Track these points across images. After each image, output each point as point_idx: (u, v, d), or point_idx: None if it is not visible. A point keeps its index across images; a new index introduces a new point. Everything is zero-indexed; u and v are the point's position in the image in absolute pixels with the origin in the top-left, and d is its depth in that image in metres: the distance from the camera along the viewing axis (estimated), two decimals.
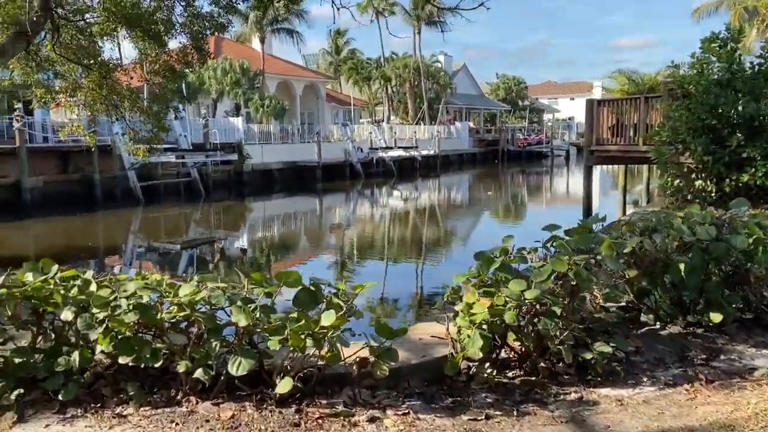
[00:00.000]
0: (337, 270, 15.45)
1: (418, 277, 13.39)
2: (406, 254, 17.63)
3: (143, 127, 9.47)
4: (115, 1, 8.39)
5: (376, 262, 16.52)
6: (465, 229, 23.08)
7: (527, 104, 72.72)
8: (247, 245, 19.51)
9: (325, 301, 3.40)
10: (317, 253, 17.99)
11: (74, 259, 16.69)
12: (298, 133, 35.76)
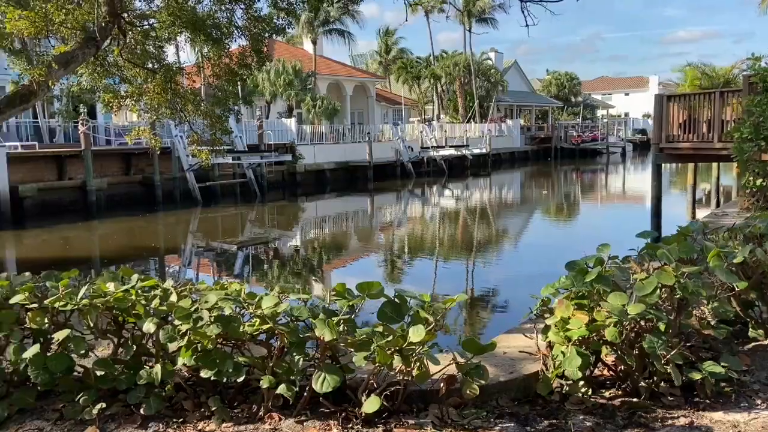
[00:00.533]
0: (392, 271, 15.29)
1: (482, 281, 13.06)
2: (465, 256, 17.30)
3: (205, 130, 9.54)
4: (179, 5, 8.45)
5: (434, 264, 16.28)
6: (523, 229, 22.56)
7: (580, 100, 70.94)
8: (300, 245, 19.60)
9: (411, 315, 3.21)
10: (371, 254, 17.89)
11: (137, 258, 17.14)
12: (349, 133, 35.84)
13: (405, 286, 13.76)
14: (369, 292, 3.30)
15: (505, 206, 29.07)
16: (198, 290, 3.46)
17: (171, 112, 9.44)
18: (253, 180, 26.88)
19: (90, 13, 8.33)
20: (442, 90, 50.96)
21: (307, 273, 15.53)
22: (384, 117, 48.47)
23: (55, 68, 6.67)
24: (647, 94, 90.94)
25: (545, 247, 17.23)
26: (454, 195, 32.80)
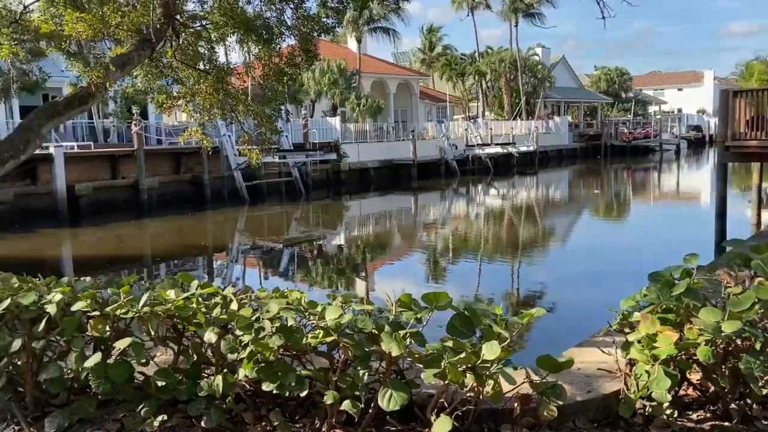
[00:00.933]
0: (440, 273, 15.06)
1: (536, 287, 12.67)
2: (515, 259, 16.91)
3: (256, 130, 9.53)
4: (230, 6, 8.44)
5: (483, 267, 15.96)
6: (574, 231, 21.96)
7: (631, 96, 68.91)
8: (345, 244, 19.59)
9: (483, 330, 3.01)
10: (417, 254, 17.72)
11: (187, 256, 17.44)
12: (393, 132, 35.69)
13: (453, 288, 13.47)
14: (437, 304, 3.11)
15: (554, 206, 28.40)
16: (258, 298, 3.34)
17: (222, 113, 9.46)
18: (298, 179, 27.06)
19: (145, 15, 8.39)
20: (487, 87, 50.27)
21: (354, 273, 15.48)
22: (427, 115, 48.14)
23: (112, 70, 6.73)
24: (702, 89, 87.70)
25: (599, 249, 16.66)
26: (501, 194, 32.27)
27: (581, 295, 11.19)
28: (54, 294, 3.17)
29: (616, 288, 11.75)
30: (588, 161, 48.48)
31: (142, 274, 15.63)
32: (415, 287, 13.71)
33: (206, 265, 16.92)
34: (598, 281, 12.50)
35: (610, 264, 14.13)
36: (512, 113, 47.31)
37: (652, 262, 13.97)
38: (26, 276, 3.69)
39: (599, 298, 10.95)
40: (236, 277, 15.73)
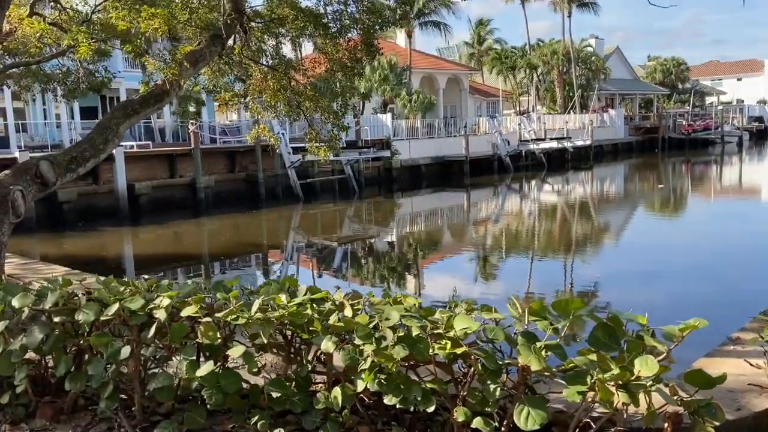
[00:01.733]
0: (508, 273, 14.69)
1: (626, 288, 12.16)
2: (578, 257, 16.36)
3: (323, 126, 9.37)
4: (296, 11, 8.31)
5: (544, 264, 15.51)
6: (644, 229, 21.17)
7: (688, 87, 66.36)
8: (399, 242, 19.39)
9: (627, 341, 2.69)
10: (477, 252, 17.33)
11: (245, 254, 17.57)
12: (444, 128, 35.27)
13: (516, 286, 13.12)
14: (572, 312, 2.81)
15: (614, 202, 27.46)
16: (372, 304, 3.11)
17: (288, 109, 9.33)
18: (351, 176, 26.99)
19: (212, 11, 8.33)
20: (539, 80, 49.18)
21: (411, 271, 15.26)
22: (477, 110, 47.44)
23: (186, 67, 6.66)
24: (762, 78, 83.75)
25: (676, 248, 15.93)
26: (556, 190, 31.47)
27: (672, 296, 10.71)
28: (162, 298, 3.01)
29: (682, 291, 11.25)
30: (645, 155, 46.86)
31: (200, 271, 15.83)
32: (477, 286, 13.43)
33: (263, 263, 17.02)
34: (666, 282, 11.96)
35: (681, 265, 13.53)
36: (565, 107, 46.14)
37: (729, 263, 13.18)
38: (123, 278, 3.57)
39: (666, 300, 10.48)
40: (293, 275, 15.75)
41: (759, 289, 10.75)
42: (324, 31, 8.62)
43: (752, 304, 9.36)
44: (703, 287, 11.58)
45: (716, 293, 10.96)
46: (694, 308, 10.01)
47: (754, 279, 11.69)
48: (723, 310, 9.46)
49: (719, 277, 12.25)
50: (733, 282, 11.71)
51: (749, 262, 13.33)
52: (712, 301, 10.39)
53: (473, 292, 12.68)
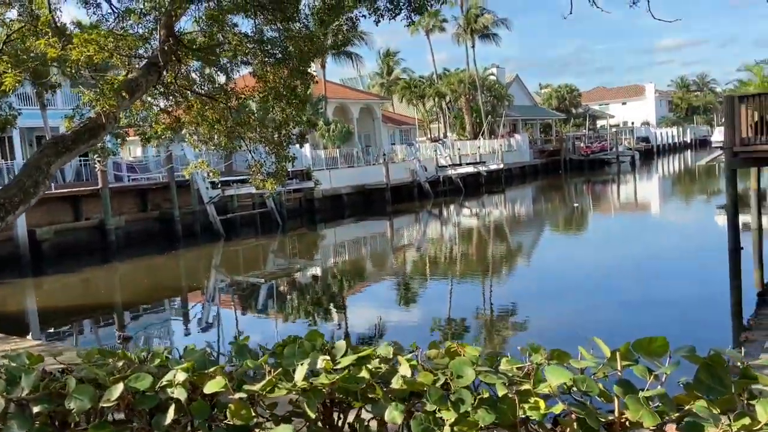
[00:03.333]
0: (424, 295, 14.63)
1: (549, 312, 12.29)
2: (499, 277, 16.56)
3: (267, 157, 8.79)
4: (239, 37, 7.79)
5: (469, 286, 15.58)
6: (562, 247, 21.87)
7: (581, 111, 70.83)
8: (328, 274, 18.89)
9: (736, 383, 2.41)
10: (398, 279, 17.29)
11: (161, 298, 16.33)
12: (363, 156, 35.24)
13: (442, 310, 13.08)
14: (658, 352, 2.50)
15: (531, 223, 28.38)
16: (430, 358, 2.65)
17: (228, 141, 8.69)
18: (274, 209, 26.15)
19: (144, 38, 7.65)
20: (448, 107, 50.58)
21: (341, 304, 14.86)
22: (391, 137, 47.95)
23: (126, 97, 5.95)
24: (644, 102, 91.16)
25: (586, 264, 16.54)
26: (478, 213, 32.11)
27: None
28: (176, 372, 2.41)
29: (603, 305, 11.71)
30: (550, 176, 49.15)
31: (112, 321, 14.48)
32: (403, 312, 13.35)
33: (181, 308, 15.89)
34: (585, 298, 12.41)
35: (598, 280, 14.18)
36: (474, 133, 47.64)
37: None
38: (107, 348, 2.90)
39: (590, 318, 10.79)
40: (213, 317, 14.82)
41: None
42: (267, 57, 8.11)
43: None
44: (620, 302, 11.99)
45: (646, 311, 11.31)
46: (633, 325, 10.26)
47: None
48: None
49: (637, 293, 12.75)
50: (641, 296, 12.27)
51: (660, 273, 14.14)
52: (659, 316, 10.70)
53: (401, 319, 12.56)
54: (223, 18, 7.89)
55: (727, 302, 10.62)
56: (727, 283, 11.26)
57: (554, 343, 2.50)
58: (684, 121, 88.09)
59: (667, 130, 76.19)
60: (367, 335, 11.49)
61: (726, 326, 9.86)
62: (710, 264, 14.05)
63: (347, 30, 9.10)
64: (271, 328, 12.86)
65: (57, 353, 2.94)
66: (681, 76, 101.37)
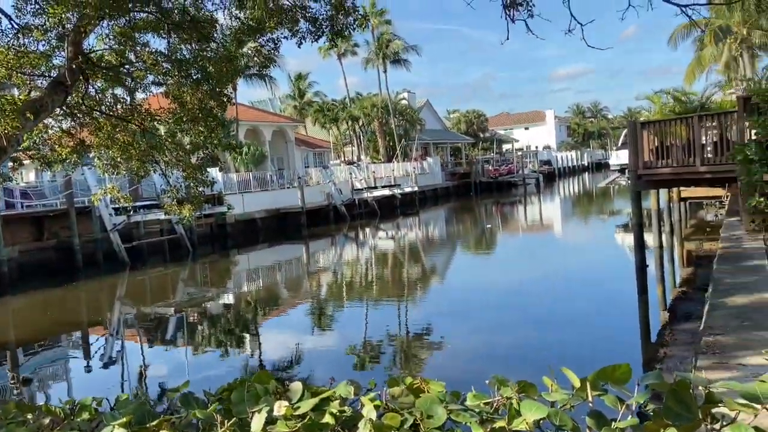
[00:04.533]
0: (340, 320, 14.50)
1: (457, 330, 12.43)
2: (413, 299, 16.68)
3: (184, 182, 8.35)
4: (154, 56, 7.41)
5: (384, 308, 15.56)
6: (469, 269, 22.36)
7: (488, 136, 73.73)
8: (240, 302, 18.30)
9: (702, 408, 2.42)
10: (314, 304, 17.13)
11: (61, 334, 15.10)
12: (277, 180, 34.66)
13: (357, 333, 13.00)
14: (622, 379, 2.49)
15: (445, 244, 28.93)
16: (394, 397, 2.49)
17: (141, 165, 8.18)
18: (184, 235, 25.01)
19: (46, 56, 7.11)
20: (361, 131, 51.00)
21: (252, 331, 14.43)
22: (304, 160, 47.60)
23: (30, 118, 5.42)
24: (545, 127, 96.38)
25: (497, 283, 17.03)
26: (393, 236, 32.32)
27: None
28: (113, 429, 2.11)
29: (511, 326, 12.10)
30: (461, 198, 50.57)
31: (4, 362, 13.19)
32: (318, 337, 13.17)
33: (84, 344, 14.77)
34: (495, 318, 12.78)
35: (505, 300, 14.68)
36: (387, 156, 48.24)
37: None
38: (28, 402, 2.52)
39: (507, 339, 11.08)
40: (118, 352, 13.89)
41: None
42: (184, 78, 7.75)
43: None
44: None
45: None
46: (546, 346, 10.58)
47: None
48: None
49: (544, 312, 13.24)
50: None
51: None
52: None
53: (317, 345, 12.38)
54: (134, 36, 7.48)
55: (633, 318, 11.16)
56: (632, 299, 11.88)
57: (473, 364, 2.44)
58: (581, 145, 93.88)
59: (567, 154, 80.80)
60: (283, 364, 11.13)
61: (635, 342, 10.33)
62: (615, 281, 14.85)
63: (269, 51, 8.89)
64: (182, 360, 12.18)
65: None
66: (576, 103, 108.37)
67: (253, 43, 10.10)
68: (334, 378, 2.77)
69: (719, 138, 10.63)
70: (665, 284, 13.18)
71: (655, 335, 10.16)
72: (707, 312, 5.56)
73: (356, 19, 9.64)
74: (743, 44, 25.51)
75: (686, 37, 26.10)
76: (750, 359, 3.91)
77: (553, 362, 2.28)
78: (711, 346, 4.33)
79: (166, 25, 7.97)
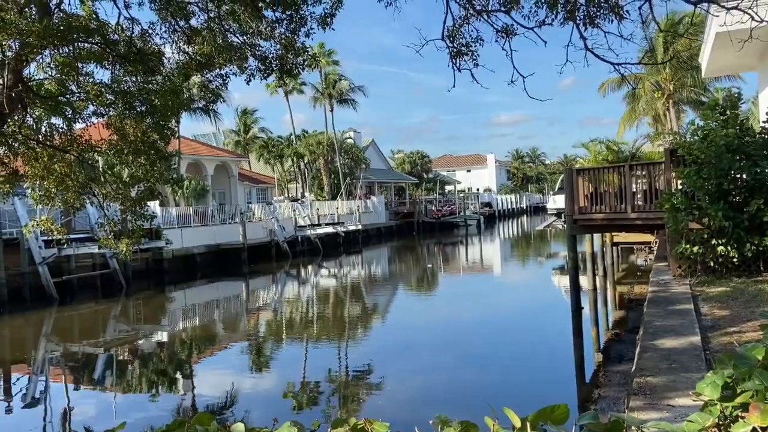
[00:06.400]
0: (277, 358, 14.27)
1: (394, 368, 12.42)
2: (355, 338, 16.58)
3: (121, 215, 8.11)
4: (98, 87, 7.30)
5: (323, 348, 15.42)
6: (410, 309, 22.45)
7: (431, 176, 75.13)
8: (173, 340, 17.69)
9: None
10: (251, 342, 16.77)
11: None
12: (218, 215, 34.04)
13: (299, 375, 12.81)
14: (554, 418, 2.57)
15: (386, 284, 28.97)
16: None
17: (76, 197, 7.91)
18: (118, 270, 24.06)
19: None
20: (306, 168, 51.01)
21: (185, 371, 13.95)
22: (247, 196, 47.03)
23: None
24: (486, 170, 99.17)
25: (437, 324, 17.19)
26: (336, 274, 32.14)
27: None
28: None
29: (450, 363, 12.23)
30: (404, 237, 50.99)
31: None
32: (255, 377, 12.88)
33: (5, 383, 13.86)
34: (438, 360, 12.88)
35: (442, 338, 14.84)
36: (332, 193, 48.33)
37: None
38: None
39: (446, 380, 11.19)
40: (41, 392, 13.11)
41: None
42: (128, 110, 7.62)
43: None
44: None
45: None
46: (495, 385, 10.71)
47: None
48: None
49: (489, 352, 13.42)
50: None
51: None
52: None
53: (254, 385, 12.11)
54: (76, 66, 7.33)
55: (568, 359, 11.45)
56: (567, 340, 12.21)
57: (414, 404, 2.47)
58: (520, 188, 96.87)
59: (507, 197, 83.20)
60: (218, 405, 10.77)
61: (570, 382, 10.57)
62: (551, 322, 15.24)
63: (217, 86, 8.88)
64: (110, 402, 11.61)
65: None
66: (516, 149, 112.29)
67: (200, 78, 10.07)
68: (277, 418, 2.73)
69: (648, 186, 11.24)
70: (599, 326, 13.62)
71: (590, 376, 10.44)
72: (638, 354, 5.79)
73: (305, 59, 9.80)
74: (670, 99, 27.36)
75: (617, 90, 27.76)
76: (679, 400, 4.09)
77: (493, 402, 2.33)
78: (642, 387, 4.50)
79: (111, 56, 7.86)
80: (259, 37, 9.29)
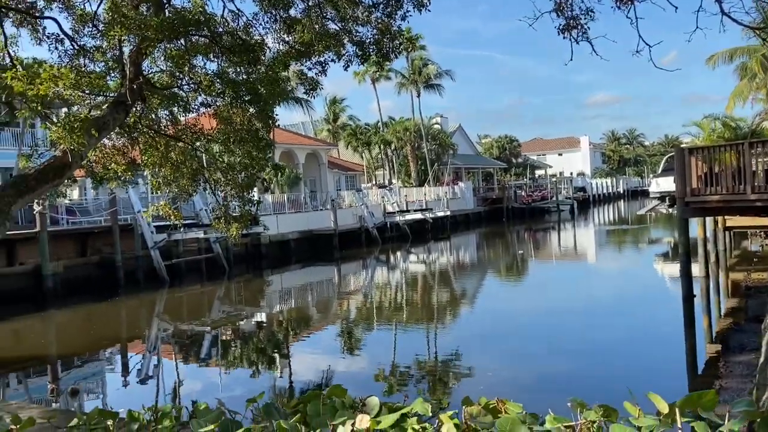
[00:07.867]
0: (378, 343, 14.37)
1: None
2: (446, 324, 16.49)
3: (231, 201, 8.52)
4: (210, 78, 7.63)
5: (418, 335, 15.43)
6: (501, 296, 22.09)
7: (521, 161, 73.35)
8: (273, 321, 18.40)
9: None
10: (345, 326, 17.11)
11: (101, 348, 15.37)
12: (310, 202, 35.02)
13: (389, 359, 12.88)
14: (702, 405, 2.42)
15: (476, 270, 28.68)
16: (472, 416, 2.47)
17: (191, 183, 8.37)
18: (221, 254, 25.36)
19: (101, 77, 7.37)
20: (393, 155, 51.31)
21: (286, 353, 14.42)
22: (337, 183, 48.02)
23: (95, 135, 5.63)
24: (579, 153, 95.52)
25: (526, 311, 16.76)
26: (425, 260, 32.22)
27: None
28: None
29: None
30: (493, 224, 50.19)
31: (45, 373, 13.49)
32: (351, 359, 13.09)
33: (125, 358, 15.01)
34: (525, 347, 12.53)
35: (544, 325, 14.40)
36: (419, 180, 48.35)
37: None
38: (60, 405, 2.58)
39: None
40: (154, 367, 14.08)
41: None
42: (237, 99, 7.95)
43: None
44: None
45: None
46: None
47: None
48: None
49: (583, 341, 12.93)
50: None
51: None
52: None
53: (347, 366, 12.34)
54: (188, 58, 7.72)
55: (675, 348, 10.85)
56: (675, 329, 11.56)
57: (510, 393, 2.39)
58: (616, 172, 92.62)
59: (602, 181, 79.79)
60: (313, 383, 11.10)
61: (679, 372, 10.02)
62: (657, 311, 14.48)
63: (316, 74, 9.07)
64: (215, 377, 12.31)
65: (14, 412, 2.58)
66: (611, 130, 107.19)
67: (298, 66, 10.33)
68: (407, 395, 2.74)
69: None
70: (710, 315, 12.81)
71: (701, 366, 9.86)
72: (766, 343, 5.39)
73: (402, 43, 9.80)
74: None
75: (728, 63, 25.75)
76: None
77: (602, 390, 2.21)
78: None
79: (217, 47, 8.23)
80: (356, 23, 9.39)
